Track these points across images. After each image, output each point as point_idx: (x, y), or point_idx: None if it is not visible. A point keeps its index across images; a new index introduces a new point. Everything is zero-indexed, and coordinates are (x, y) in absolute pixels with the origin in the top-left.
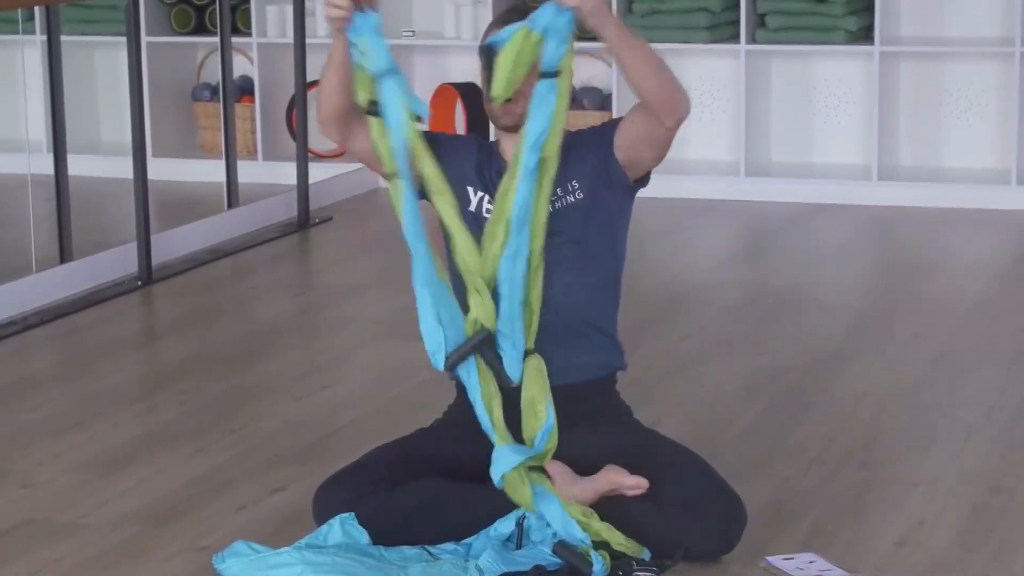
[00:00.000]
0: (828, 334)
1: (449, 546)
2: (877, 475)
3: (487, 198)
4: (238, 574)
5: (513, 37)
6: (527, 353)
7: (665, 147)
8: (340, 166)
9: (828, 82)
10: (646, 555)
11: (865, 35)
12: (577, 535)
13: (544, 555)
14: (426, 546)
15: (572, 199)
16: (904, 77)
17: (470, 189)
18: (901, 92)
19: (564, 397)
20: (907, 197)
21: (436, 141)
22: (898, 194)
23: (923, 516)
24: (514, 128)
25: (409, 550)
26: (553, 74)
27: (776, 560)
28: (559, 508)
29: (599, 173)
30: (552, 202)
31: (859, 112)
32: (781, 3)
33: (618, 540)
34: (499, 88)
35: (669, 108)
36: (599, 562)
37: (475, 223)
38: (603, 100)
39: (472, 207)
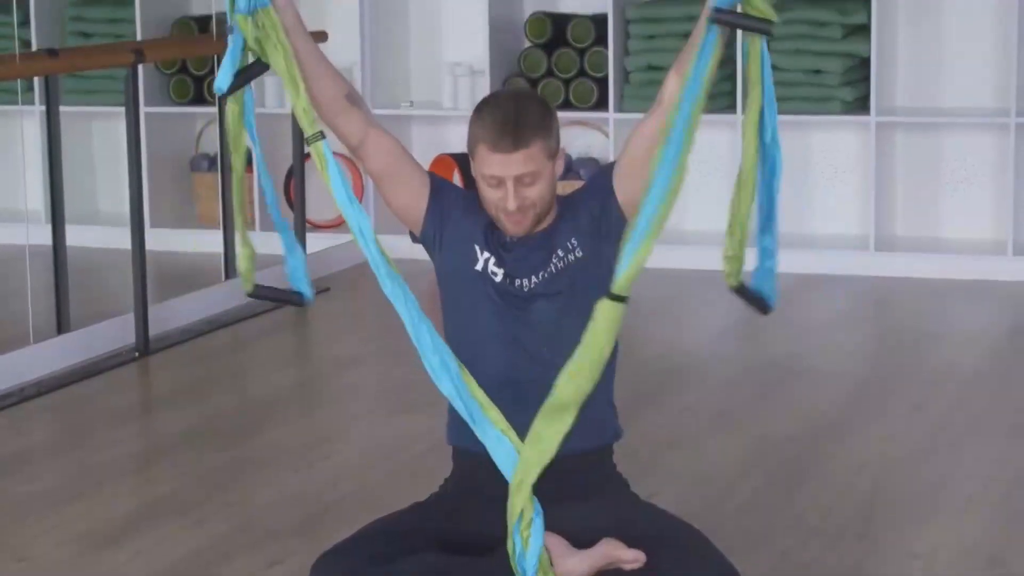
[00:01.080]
0: (826, 405)
1: None
2: (876, 547)
3: (493, 260)
4: None
5: None
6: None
7: None
8: (338, 236)
9: (824, 152)
10: None
11: (861, 105)
12: None
13: None
14: None
15: (572, 258)
16: (900, 147)
17: (477, 248)
18: (897, 162)
19: (560, 468)
20: (904, 267)
21: (450, 193)
22: (895, 264)
23: None
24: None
25: None
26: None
27: None
28: None
29: (597, 224)
30: (553, 263)
31: (855, 181)
32: (777, 73)
33: None
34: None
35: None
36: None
37: (483, 282)
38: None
39: (479, 266)
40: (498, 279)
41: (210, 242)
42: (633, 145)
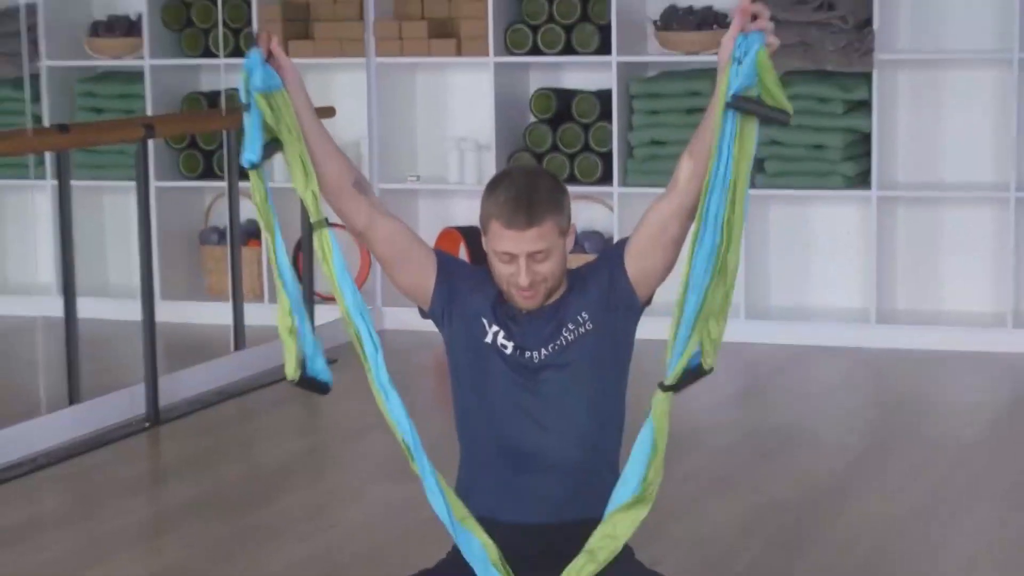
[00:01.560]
0: (826, 471)
1: None
2: None
3: (503, 333)
4: None
5: None
6: None
7: (676, 249)
8: None
9: (826, 225)
10: None
11: (862, 180)
12: None
13: None
14: None
15: (582, 331)
16: (901, 221)
17: (485, 322)
18: (898, 235)
19: (566, 534)
20: (905, 339)
21: (457, 269)
22: (896, 336)
23: None
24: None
25: None
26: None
27: None
28: None
29: (607, 297)
30: (563, 336)
31: (857, 255)
32: (780, 148)
33: None
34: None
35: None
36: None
37: (493, 354)
38: (604, 243)
39: (488, 339)
40: (508, 351)
41: (219, 314)
42: (647, 224)
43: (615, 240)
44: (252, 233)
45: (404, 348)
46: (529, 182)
